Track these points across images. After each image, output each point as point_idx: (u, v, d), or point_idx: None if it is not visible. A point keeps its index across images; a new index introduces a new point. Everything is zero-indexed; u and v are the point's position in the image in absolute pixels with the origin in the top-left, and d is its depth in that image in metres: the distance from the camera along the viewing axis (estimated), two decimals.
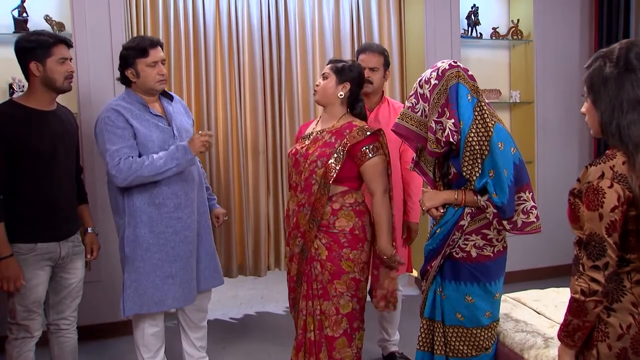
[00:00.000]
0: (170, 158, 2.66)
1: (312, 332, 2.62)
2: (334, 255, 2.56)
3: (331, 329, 2.60)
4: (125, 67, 2.75)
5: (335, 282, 2.57)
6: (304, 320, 2.64)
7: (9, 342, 2.56)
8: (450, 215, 2.29)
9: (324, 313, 2.59)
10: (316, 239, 2.57)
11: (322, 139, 2.62)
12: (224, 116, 4.32)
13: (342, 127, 2.62)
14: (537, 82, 4.74)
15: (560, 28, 4.78)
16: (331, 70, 2.67)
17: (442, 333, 2.33)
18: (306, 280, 2.62)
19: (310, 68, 4.47)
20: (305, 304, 2.63)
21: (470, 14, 4.66)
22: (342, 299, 2.58)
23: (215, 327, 4.04)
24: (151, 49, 2.72)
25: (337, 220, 2.56)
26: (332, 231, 2.56)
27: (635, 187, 1.52)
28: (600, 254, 1.55)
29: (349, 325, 2.61)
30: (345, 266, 2.57)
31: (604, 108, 1.60)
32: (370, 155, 2.54)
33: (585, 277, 1.57)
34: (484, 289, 2.27)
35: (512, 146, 2.24)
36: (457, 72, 2.25)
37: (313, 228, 2.56)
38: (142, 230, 2.74)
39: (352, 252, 2.57)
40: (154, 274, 2.76)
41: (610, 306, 1.62)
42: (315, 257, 2.59)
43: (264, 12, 4.36)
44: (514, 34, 4.77)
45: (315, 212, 2.55)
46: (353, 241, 2.58)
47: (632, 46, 1.60)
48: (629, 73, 1.57)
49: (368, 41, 4.57)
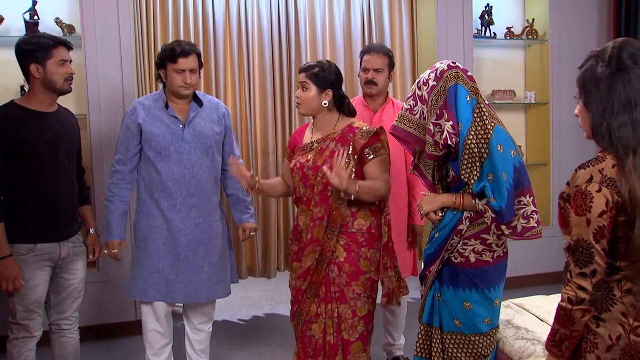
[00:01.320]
0: (106, 222, 2.90)
1: (331, 335, 2.58)
2: (353, 256, 2.53)
3: (347, 333, 2.56)
4: (159, 67, 2.84)
5: (353, 284, 2.54)
6: (323, 324, 2.59)
7: (10, 342, 2.58)
8: (448, 219, 2.25)
9: (340, 316, 2.56)
10: (336, 241, 2.53)
11: (328, 149, 2.56)
12: (234, 116, 4.32)
13: (344, 132, 2.57)
14: (553, 83, 4.64)
15: (576, 27, 4.67)
16: (308, 79, 2.57)
17: (440, 339, 2.28)
18: (324, 284, 2.57)
19: None
20: (325, 307, 2.58)
21: (484, 14, 4.59)
22: (359, 300, 2.55)
23: (222, 328, 4.04)
24: (181, 57, 2.75)
25: (355, 221, 2.54)
26: (350, 231, 2.54)
27: (624, 192, 1.46)
28: (588, 261, 1.49)
29: (365, 328, 2.59)
30: (363, 266, 2.55)
31: (595, 109, 1.54)
32: (371, 155, 2.51)
33: (572, 284, 1.51)
34: (483, 295, 2.22)
35: (513, 149, 2.19)
36: (455, 73, 2.21)
37: (332, 237, 2.53)
38: (143, 221, 2.88)
39: (370, 251, 2.56)
40: (143, 265, 2.86)
41: (599, 316, 1.55)
42: (332, 259, 2.55)
43: (273, 12, 4.36)
44: (528, 34, 4.68)
45: (333, 222, 2.51)
46: (370, 240, 2.56)
47: (625, 45, 1.54)
48: (620, 73, 1.52)
49: (380, 41, 4.53)
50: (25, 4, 3.62)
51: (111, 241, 2.88)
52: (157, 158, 2.79)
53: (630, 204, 1.46)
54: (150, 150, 2.79)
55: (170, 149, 2.78)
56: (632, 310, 1.52)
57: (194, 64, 2.78)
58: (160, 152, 2.78)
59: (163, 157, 2.79)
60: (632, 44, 1.55)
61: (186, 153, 2.81)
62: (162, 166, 2.79)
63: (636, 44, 1.56)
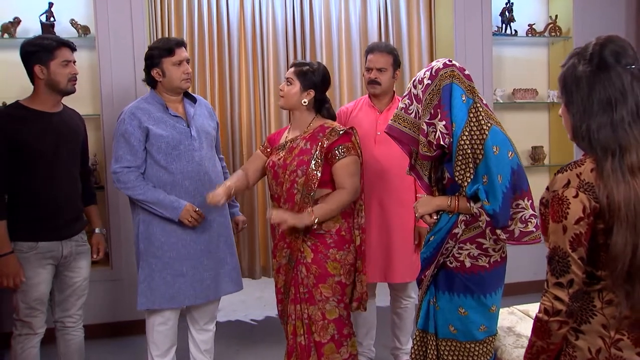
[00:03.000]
0: (160, 206, 2.74)
1: (302, 337, 2.62)
2: (320, 257, 2.56)
3: (318, 335, 2.58)
4: (151, 67, 2.81)
5: (320, 286, 2.56)
6: (293, 325, 2.64)
7: (14, 338, 2.64)
8: (443, 222, 2.18)
9: (310, 318, 2.59)
10: (302, 242, 2.57)
11: (298, 147, 2.62)
12: (248, 117, 4.31)
13: (315, 132, 2.62)
14: None
15: (601, 24, 4.48)
16: (295, 75, 2.64)
17: (435, 346, 2.22)
18: (293, 284, 2.61)
19: (336, 69, 4.40)
20: (294, 308, 2.63)
21: (504, 11, 4.46)
22: (327, 304, 2.57)
23: (234, 328, 4.05)
24: (177, 48, 2.80)
25: (323, 223, 2.55)
26: (318, 232, 2.57)
27: (602, 197, 1.37)
28: (564, 270, 1.40)
29: (337, 331, 2.60)
30: (330, 268, 2.56)
31: (575, 110, 1.46)
32: (339, 155, 2.55)
33: (548, 294, 1.42)
34: (478, 301, 2.14)
35: (510, 150, 2.10)
36: (451, 72, 2.14)
37: (299, 236, 2.57)
38: (155, 228, 2.80)
39: (339, 253, 2.58)
40: (166, 272, 2.80)
41: (578, 328, 1.46)
42: (300, 260, 2.59)
43: (288, 12, 4.32)
44: (551, 31, 4.53)
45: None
46: (339, 242, 2.59)
47: (608, 42, 1.46)
48: (601, 72, 1.43)
49: (397, 41, 4.46)
50: (42, 6, 3.69)
51: (186, 207, 2.74)
52: (167, 159, 2.78)
53: (609, 210, 1.37)
54: (160, 153, 2.77)
55: (180, 148, 2.79)
56: (613, 322, 1.43)
57: (186, 53, 2.84)
58: (171, 153, 2.78)
59: (174, 158, 2.79)
60: (616, 42, 1.46)
61: (197, 150, 2.83)
62: (176, 166, 2.79)
63: (620, 42, 1.47)
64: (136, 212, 2.85)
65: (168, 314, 2.87)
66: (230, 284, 2.97)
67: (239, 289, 3.04)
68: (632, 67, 1.43)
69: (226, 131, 4.26)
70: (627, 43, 1.47)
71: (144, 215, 2.80)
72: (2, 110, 2.60)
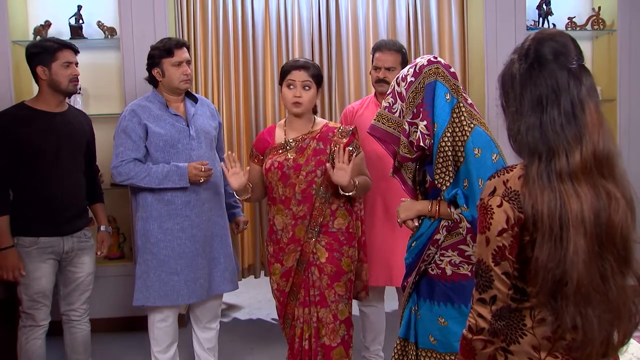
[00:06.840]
0: (166, 179, 2.74)
1: (307, 341, 2.56)
2: (335, 255, 2.53)
3: (328, 338, 2.53)
4: (152, 67, 2.86)
5: (335, 285, 2.53)
6: (301, 329, 2.58)
7: (20, 329, 2.75)
8: (425, 227, 2.08)
9: (320, 321, 2.53)
10: (316, 242, 2.54)
11: (310, 147, 2.56)
12: (273, 116, 4.29)
13: (323, 131, 2.59)
14: (621, 78, 4.16)
15: None
16: (312, 79, 2.57)
17: (415, 356, 2.12)
18: (303, 287, 2.56)
19: (363, 70, 4.31)
20: (302, 311, 2.57)
21: (542, 3, 4.21)
22: (340, 303, 2.54)
23: (254, 326, 4.05)
24: (176, 49, 2.82)
25: (335, 220, 2.56)
26: (331, 230, 2.56)
27: (526, 207, 1.24)
28: (487, 286, 1.27)
29: (346, 332, 2.57)
30: (345, 265, 2.55)
31: (510, 110, 1.34)
32: (356, 152, 2.58)
33: (473, 311, 1.30)
34: (459, 311, 2.02)
35: (494, 152, 1.97)
36: (436, 69, 2.03)
37: (312, 237, 2.53)
38: (152, 225, 2.83)
39: (351, 249, 2.58)
40: (161, 269, 2.82)
41: (507, 348, 1.33)
42: (313, 262, 2.53)
43: (314, 11, 4.27)
44: (594, 24, 4.24)
45: (314, 221, 2.53)
46: (350, 238, 2.60)
47: (548, 39, 1.32)
48: (535, 69, 1.30)
49: (427, 40, 4.32)
50: (71, 9, 3.82)
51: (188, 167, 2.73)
52: (165, 157, 2.82)
53: (533, 221, 1.24)
54: (158, 151, 2.81)
55: (178, 146, 2.82)
56: (545, 343, 1.29)
57: (187, 55, 2.85)
58: (169, 151, 2.81)
59: (172, 156, 2.82)
60: (556, 38, 1.33)
61: (195, 149, 2.85)
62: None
63: (561, 38, 1.33)
64: (136, 208, 2.90)
65: (167, 312, 2.91)
66: (223, 283, 2.96)
67: (233, 288, 3.04)
68: (572, 65, 1.29)
69: (250, 132, 4.26)
70: (569, 38, 1.34)
71: (142, 212, 2.85)
72: (6, 110, 2.72)
